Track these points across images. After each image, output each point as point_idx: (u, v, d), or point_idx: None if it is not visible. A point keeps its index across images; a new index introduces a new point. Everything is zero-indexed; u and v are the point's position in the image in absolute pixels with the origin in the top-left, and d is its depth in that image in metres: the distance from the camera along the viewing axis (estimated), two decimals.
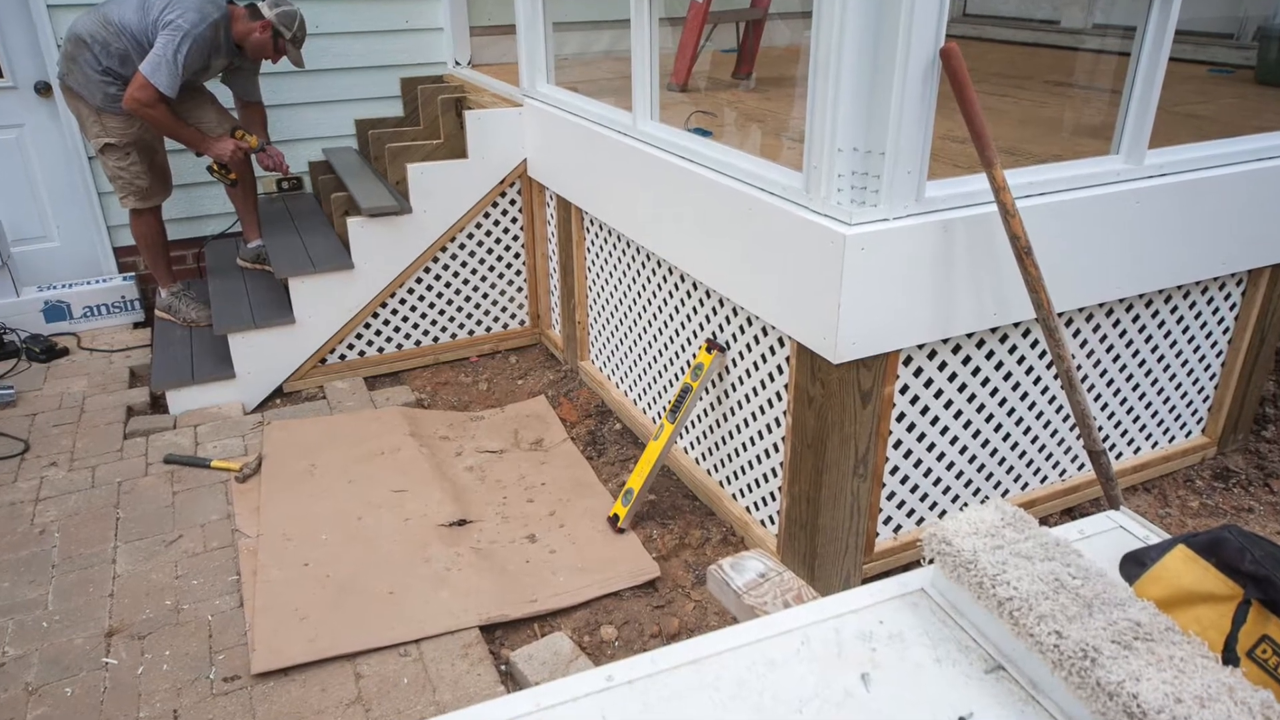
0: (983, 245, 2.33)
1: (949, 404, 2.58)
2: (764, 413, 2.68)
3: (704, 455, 3.10)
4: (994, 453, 2.75)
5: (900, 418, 2.51)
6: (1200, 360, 3.07)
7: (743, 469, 2.87)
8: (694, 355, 3.01)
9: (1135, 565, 1.23)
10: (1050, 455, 2.88)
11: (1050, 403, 2.77)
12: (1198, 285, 2.89)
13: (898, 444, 2.55)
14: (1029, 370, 2.68)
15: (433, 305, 4.07)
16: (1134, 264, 2.62)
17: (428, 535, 2.87)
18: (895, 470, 2.59)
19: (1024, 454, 2.82)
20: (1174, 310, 2.89)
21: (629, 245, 3.32)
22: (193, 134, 3.66)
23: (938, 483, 2.70)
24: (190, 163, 4.31)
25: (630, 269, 3.35)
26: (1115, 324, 2.78)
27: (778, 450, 2.64)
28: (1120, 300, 2.73)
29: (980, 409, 2.65)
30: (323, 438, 3.44)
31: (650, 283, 3.22)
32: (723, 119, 3.50)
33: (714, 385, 2.93)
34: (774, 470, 2.69)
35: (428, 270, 3.99)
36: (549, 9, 3.70)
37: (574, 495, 3.13)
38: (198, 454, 3.35)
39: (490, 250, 4.12)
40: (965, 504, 2.80)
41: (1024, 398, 2.72)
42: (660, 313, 3.20)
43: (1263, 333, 3.09)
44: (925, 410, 2.55)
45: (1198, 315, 2.96)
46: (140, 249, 3.99)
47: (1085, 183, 2.46)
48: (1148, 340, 2.89)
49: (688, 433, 3.18)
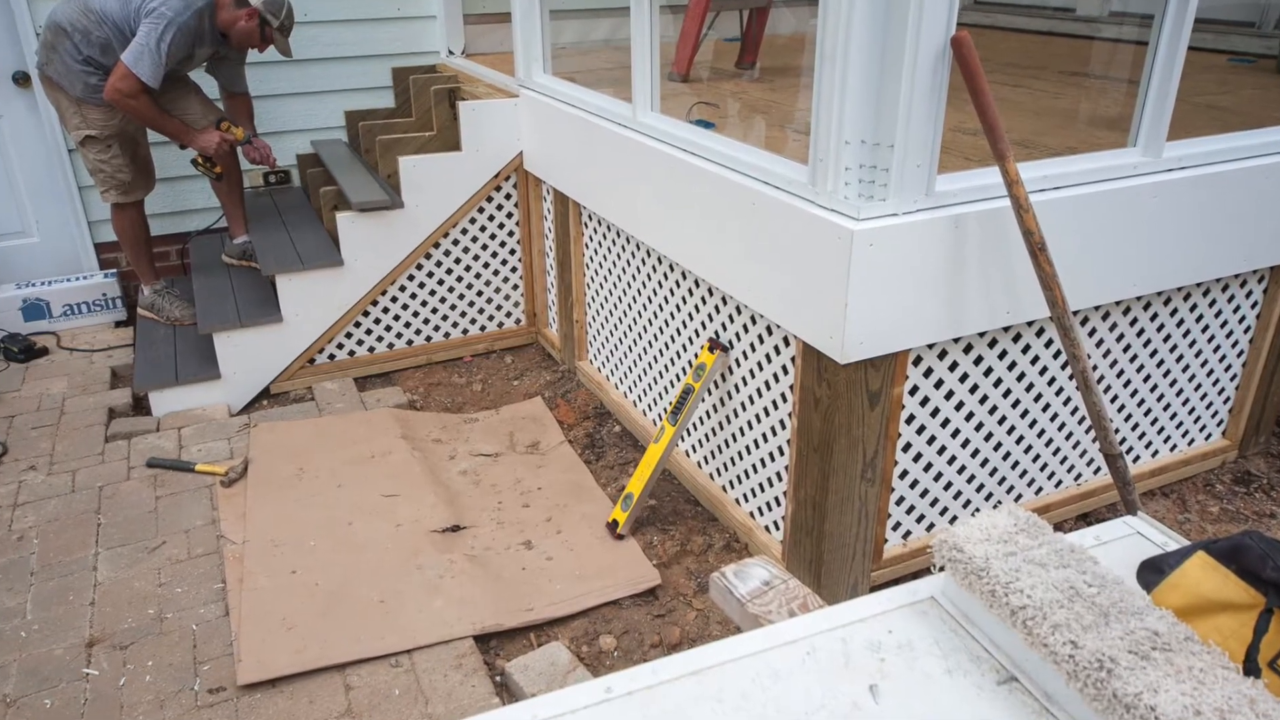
0: (995, 241, 2.29)
1: (960, 405, 2.54)
2: (768, 415, 2.64)
3: (706, 459, 3.05)
4: (1006, 456, 2.71)
5: (910, 420, 2.47)
6: (1220, 360, 3.02)
7: (746, 473, 2.82)
8: (696, 355, 2.96)
9: (1153, 573, 1.22)
10: (1065, 459, 2.84)
11: (1065, 404, 2.73)
12: (1218, 282, 2.85)
13: (907, 447, 2.51)
14: (1043, 371, 2.63)
15: (425, 303, 4.01)
16: (1152, 261, 2.58)
17: (420, 542, 2.82)
18: (904, 474, 2.55)
19: (1038, 457, 2.77)
20: (1193, 309, 2.85)
21: (628, 241, 3.27)
22: (177, 126, 3.62)
23: (948, 487, 2.66)
24: (174, 156, 4.26)
25: (630, 266, 3.30)
26: (1133, 323, 2.74)
27: (783, 454, 2.60)
28: (1138, 298, 2.69)
29: (993, 411, 2.61)
30: (311, 440, 3.39)
31: (651, 280, 3.16)
32: (726, 110, 3.45)
33: (716, 386, 2.88)
34: (779, 474, 2.64)
35: (420, 267, 3.94)
36: None
37: (572, 500, 3.08)
38: (182, 457, 3.31)
39: (485, 246, 4.05)
40: (977, 509, 2.76)
41: (1038, 399, 2.67)
42: (661, 311, 3.14)
43: None
44: (936, 412, 2.51)
45: (1218, 314, 2.91)
46: (122, 245, 3.94)
47: (1101, 176, 2.43)
48: (1166, 340, 2.84)
49: (689, 435, 3.13)
